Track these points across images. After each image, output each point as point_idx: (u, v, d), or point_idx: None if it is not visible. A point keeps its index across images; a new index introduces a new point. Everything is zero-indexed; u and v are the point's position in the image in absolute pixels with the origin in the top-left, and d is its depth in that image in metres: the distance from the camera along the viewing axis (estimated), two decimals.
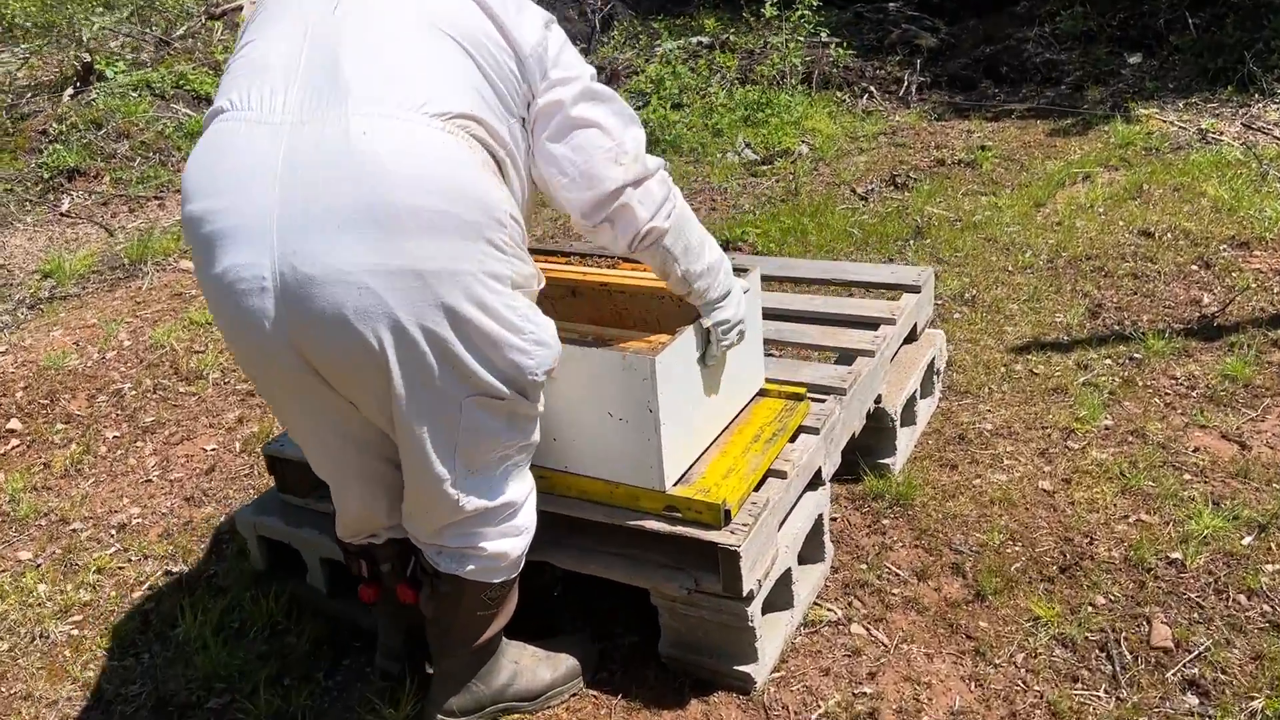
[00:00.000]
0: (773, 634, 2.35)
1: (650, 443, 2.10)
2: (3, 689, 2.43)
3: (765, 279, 3.31)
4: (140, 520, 3.04)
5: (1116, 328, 3.67)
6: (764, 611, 2.38)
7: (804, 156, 5.99)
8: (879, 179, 5.56)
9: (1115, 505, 2.74)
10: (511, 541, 2.03)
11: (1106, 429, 3.08)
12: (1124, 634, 2.32)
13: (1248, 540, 2.54)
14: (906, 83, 7.22)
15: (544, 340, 1.87)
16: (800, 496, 2.43)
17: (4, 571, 2.85)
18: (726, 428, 2.38)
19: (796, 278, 3.27)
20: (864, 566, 2.61)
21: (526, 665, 2.26)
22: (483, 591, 2.06)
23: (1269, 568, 2.45)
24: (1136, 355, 3.45)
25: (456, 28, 1.77)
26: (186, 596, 2.67)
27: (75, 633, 2.60)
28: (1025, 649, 2.31)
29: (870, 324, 2.96)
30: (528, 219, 1.99)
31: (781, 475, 2.30)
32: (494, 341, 1.78)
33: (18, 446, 3.50)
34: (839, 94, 7.06)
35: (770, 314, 3.11)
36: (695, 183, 5.78)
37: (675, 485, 2.16)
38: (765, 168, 5.89)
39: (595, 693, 2.30)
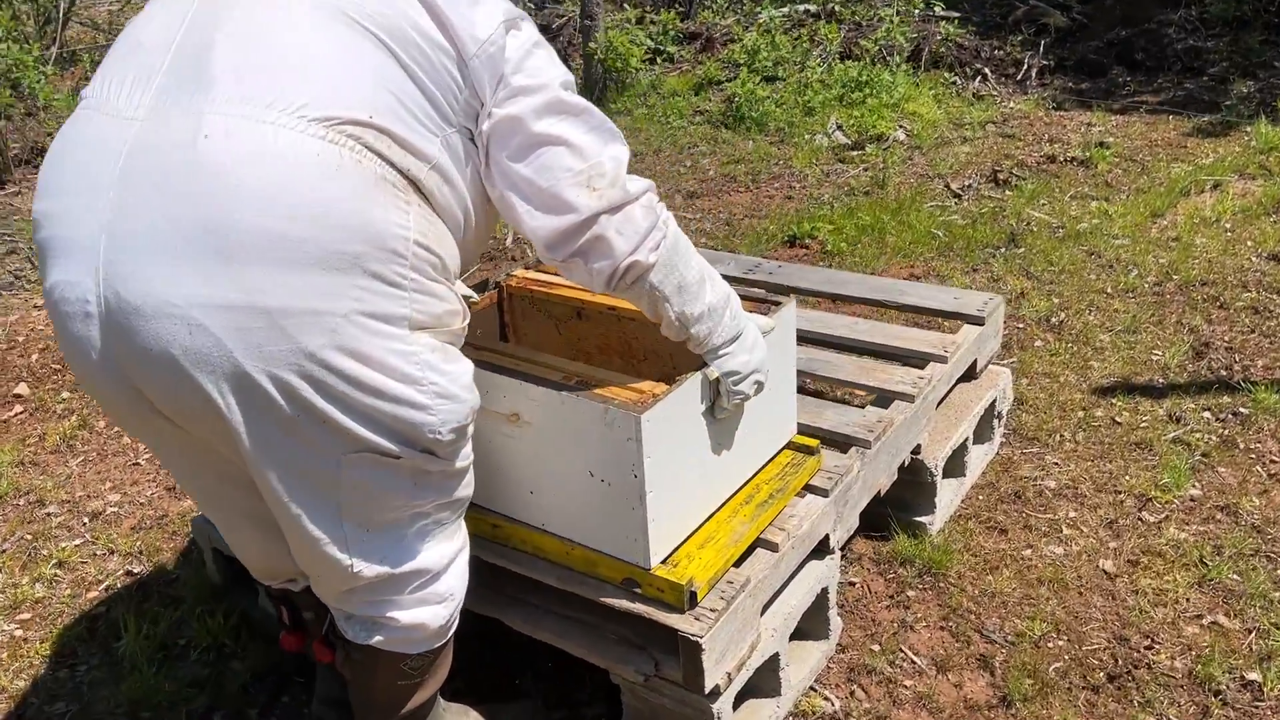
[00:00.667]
0: None
1: (634, 512, 1.77)
2: None
3: (809, 294, 2.96)
4: (116, 509, 2.87)
5: (1223, 373, 3.18)
6: (744, 698, 2.07)
7: (899, 143, 5.51)
8: (979, 174, 5.06)
9: (1188, 600, 2.31)
10: (431, 610, 1.74)
11: (1192, 500, 2.63)
12: None
13: None
14: (1026, 65, 6.62)
15: (448, 392, 1.54)
16: (800, 568, 2.09)
17: None
18: (741, 489, 2.04)
19: (844, 295, 2.89)
20: (876, 648, 2.26)
21: None
22: (401, 662, 1.79)
23: None
24: (1242, 410, 2.97)
25: (376, 18, 1.46)
26: (138, 605, 2.48)
27: (19, 633, 2.44)
28: None
29: (919, 360, 2.57)
30: (470, 243, 1.68)
31: (773, 547, 1.96)
32: (377, 395, 1.46)
33: (21, 414, 3.39)
34: (948, 75, 6.51)
35: (803, 337, 2.75)
36: (775, 166, 5.38)
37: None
38: (855, 154, 5.44)
39: None
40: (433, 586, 1.73)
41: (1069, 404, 3.08)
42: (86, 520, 2.84)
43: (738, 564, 1.91)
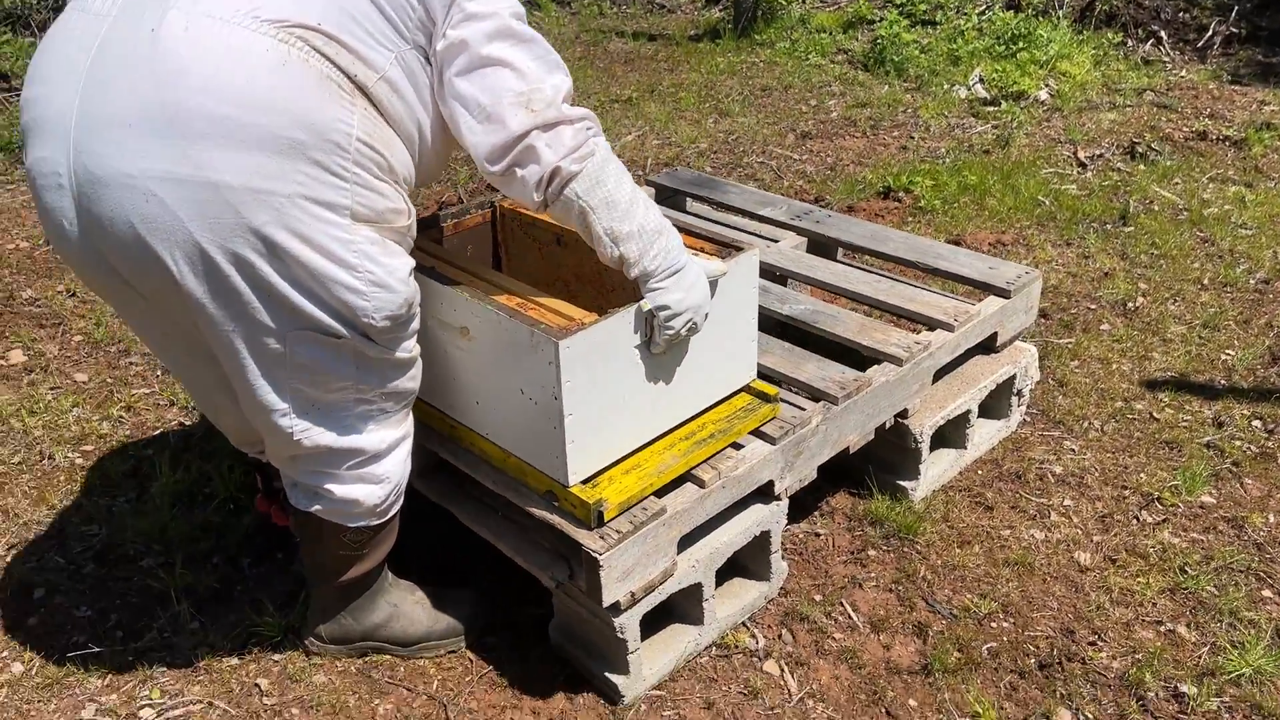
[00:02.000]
0: (667, 647, 2.13)
1: (555, 431, 1.87)
2: None
3: (850, 247, 2.94)
4: None
5: None
6: (667, 621, 2.17)
7: (1039, 103, 5.25)
8: (1115, 144, 4.78)
9: (1154, 605, 2.24)
10: (367, 489, 1.91)
11: (1201, 508, 2.52)
12: None
13: None
14: (1211, 32, 6.13)
15: (384, 282, 1.69)
16: (740, 509, 2.15)
17: (57, 388, 3.09)
18: (685, 425, 2.11)
19: (883, 252, 2.86)
20: (819, 598, 2.30)
21: (406, 611, 2.17)
22: (341, 533, 1.98)
23: None
24: None
25: None
26: (177, 454, 2.78)
27: (79, 461, 2.78)
28: None
29: (926, 325, 2.55)
30: (428, 156, 1.80)
31: (700, 484, 2.03)
32: (317, 276, 1.63)
33: None
34: (1117, 36, 6.10)
35: (821, 286, 2.75)
36: (900, 114, 5.23)
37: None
38: (990, 109, 5.23)
39: (473, 656, 2.18)
40: (371, 467, 1.90)
41: (1110, 392, 2.96)
42: (160, 374, 3.17)
43: (661, 494, 1.99)
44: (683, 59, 6.34)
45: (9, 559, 2.45)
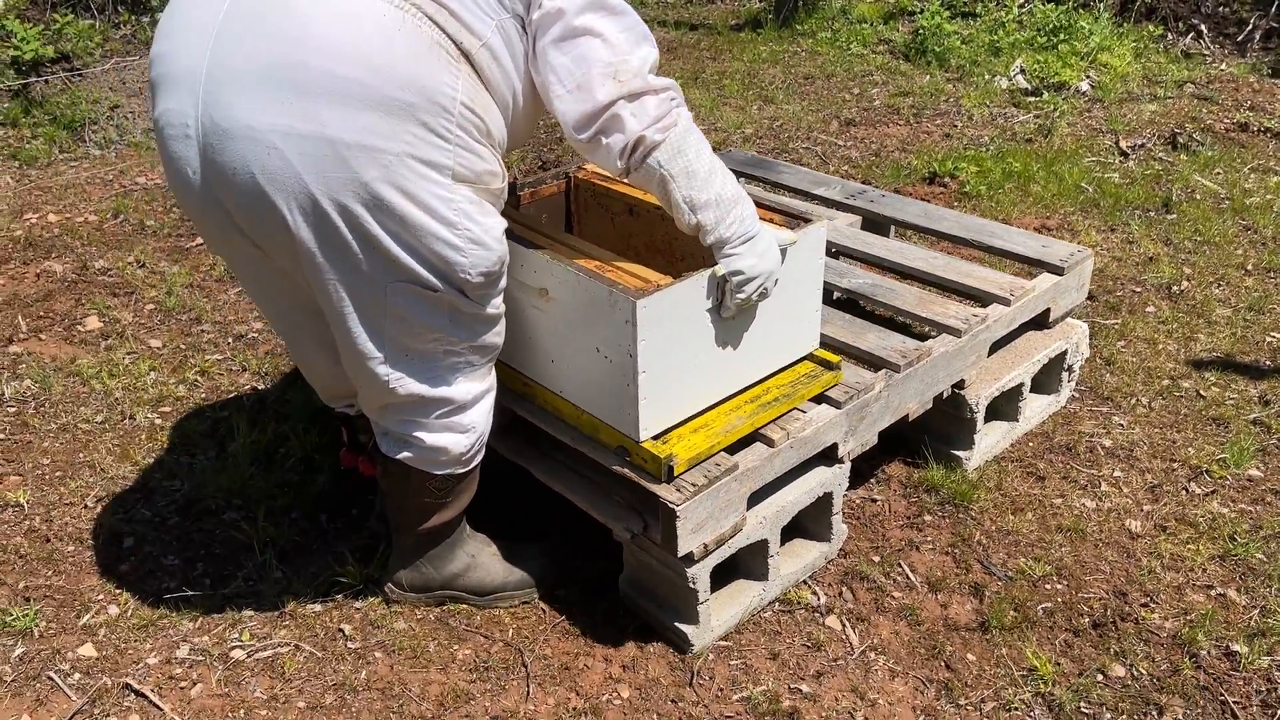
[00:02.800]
0: (732, 601, 2.22)
1: (629, 389, 1.96)
2: (81, 455, 2.76)
3: (904, 225, 3.02)
4: (256, 336, 3.30)
5: None
6: (732, 577, 2.26)
7: (1080, 94, 5.29)
8: (1157, 135, 4.83)
9: (1204, 570, 2.31)
10: (453, 438, 2.01)
11: (1248, 480, 2.58)
12: (1123, 716, 1.98)
13: None
14: (1252, 25, 6.15)
15: (481, 240, 1.79)
16: (805, 470, 2.23)
17: (133, 353, 3.21)
18: (751, 388, 2.19)
19: (937, 231, 2.93)
20: (877, 559, 2.38)
21: (483, 562, 2.27)
22: (427, 480, 2.08)
23: None
24: None
25: None
26: (253, 415, 2.89)
27: (158, 422, 2.90)
28: (1001, 699, 2.04)
29: (983, 299, 2.62)
30: (519, 122, 1.89)
31: (770, 443, 2.11)
32: (419, 231, 1.72)
33: (200, 245, 3.88)
34: (1158, 29, 6.13)
35: (876, 262, 2.83)
36: (943, 103, 5.29)
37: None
38: (1031, 100, 5.28)
39: (545, 607, 2.28)
40: (458, 417, 2.00)
41: (1157, 371, 3.03)
42: (231, 340, 3.28)
43: (731, 452, 2.08)
44: (725, 48, 6.42)
45: (98, 510, 2.56)
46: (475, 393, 2.01)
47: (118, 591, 2.32)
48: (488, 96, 1.77)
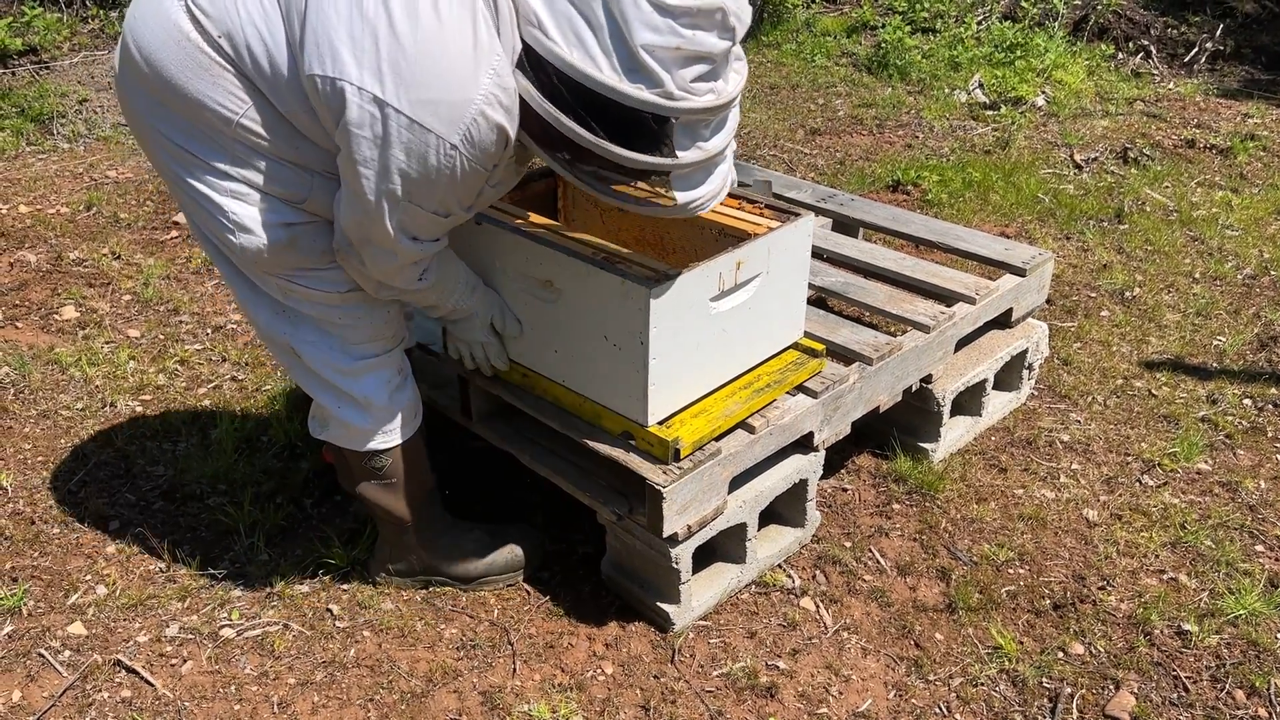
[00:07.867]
0: (711, 583, 2.30)
1: (638, 375, 2.03)
2: (62, 441, 2.78)
3: (872, 227, 3.12)
4: (234, 327, 3.33)
5: None
6: (711, 560, 2.34)
7: (1036, 109, 5.47)
8: (1108, 149, 5.01)
9: (1156, 556, 2.44)
10: (354, 413, 2.09)
11: (1197, 474, 2.72)
12: (1082, 690, 2.09)
13: None
14: (1198, 48, 6.39)
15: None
16: (782, 457, 2.32)
17: (111, 343, 3.22)
18: (744, 375, 2.27)
19: (905, 233, 3.05)
20: (849, 545, 2.48)
21: (467, 548, 2.32)
22: (361, 460, 2.14)
23: None
24: None
25: None
26: (235, 403, 2.92)
27: (139, 409, 2.92)
28: (968, 675, 2.14)
29: (949, 298, 2.73)
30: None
31: (750, 430, 2.20)
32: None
33: (176, 238, 3.89)
34: (1109, 49, 6.35)
35: (847, 263, 2.94)
36: (905, 115, 5.44)
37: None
38: (990, 113, 5.44)
39: (529, 589, 2.34)
40: (351, 392, 2.07)
41: (1112, 371, 3.17)
42: (210, 331, 3.31)
43: (717, 439, 2.16)
44: None
45: (82, 494, 2.58)
46: (361, 368, 2.07)
47: (105, 572, 2.35)
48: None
